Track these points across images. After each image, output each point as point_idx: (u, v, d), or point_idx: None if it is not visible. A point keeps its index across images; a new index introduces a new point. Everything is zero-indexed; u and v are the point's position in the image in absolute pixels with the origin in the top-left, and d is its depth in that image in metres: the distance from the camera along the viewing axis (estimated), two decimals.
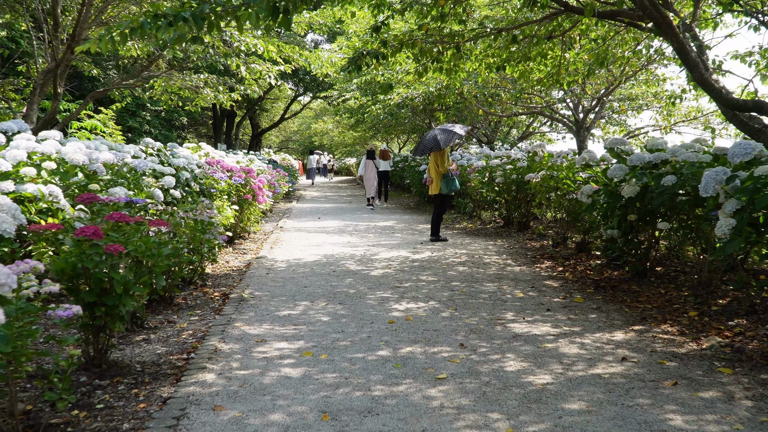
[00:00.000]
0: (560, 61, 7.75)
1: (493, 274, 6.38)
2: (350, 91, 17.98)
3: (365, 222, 12.16)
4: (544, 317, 4.63)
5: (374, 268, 6.80)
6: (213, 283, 5.99)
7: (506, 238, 9.38)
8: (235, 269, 6.82)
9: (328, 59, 9.78)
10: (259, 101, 31.69)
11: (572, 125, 10.73)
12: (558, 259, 7.23)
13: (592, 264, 6.80)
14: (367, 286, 5.80)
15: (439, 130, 8.78)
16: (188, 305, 5.09)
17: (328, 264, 7.08)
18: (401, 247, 8.44)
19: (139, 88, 10.44)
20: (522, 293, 5.45)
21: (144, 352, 3.88)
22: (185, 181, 8.64)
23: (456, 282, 5.95)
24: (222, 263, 7.17)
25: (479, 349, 3.85)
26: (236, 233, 9.03)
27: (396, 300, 5.20)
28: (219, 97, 10.45)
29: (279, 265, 6.99)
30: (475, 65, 8.05)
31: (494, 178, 10.05)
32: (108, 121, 14.06)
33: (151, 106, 22.57)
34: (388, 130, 22.44)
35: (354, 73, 14.37)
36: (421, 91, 10.73)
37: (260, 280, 6.11)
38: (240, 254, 7.96)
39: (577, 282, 5.94)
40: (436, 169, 8.98)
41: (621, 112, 12.11)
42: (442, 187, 8.88)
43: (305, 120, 44.97)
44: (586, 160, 6.17)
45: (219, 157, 10.66)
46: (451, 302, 5.11)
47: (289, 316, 4.67)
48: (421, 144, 8.94)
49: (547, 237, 9.09)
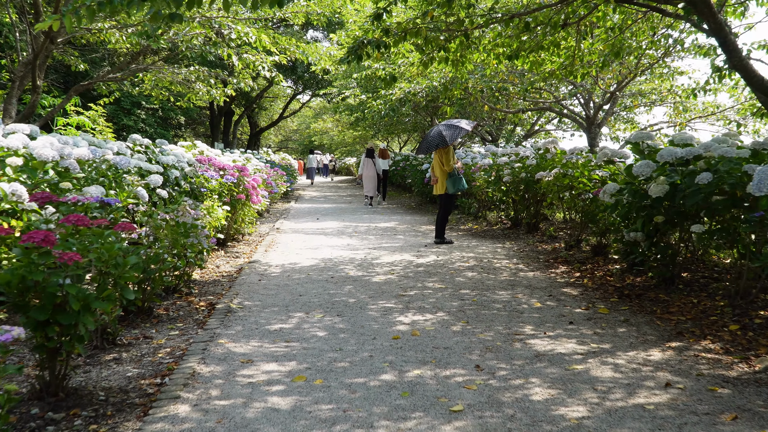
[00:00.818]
0: (574, 51, 7.24)
1: (506, 281, 5.87)
2: (350, 88, 17.48)
3: (365, 223, 11.65)
4: (568, 331, 4.12)
5: (376, 273, 6.29)
6: (200, 291, 5.48)
7: (515, 240, 8.87)
8: (226, 275, 6.31)
9: (326, 52, 9.28)
10: (258, 99, 31.17)
11: (583, 122, 10.21)
12: (573, 264, 6.72)
13: (611, 269, 6.29)
14: (368, 294, 5.29)
15: (444, 126, 8.26)
16: (169, 317, 4.57)
17: (326, 269, 6.57)
18: (404, 250, 7.93)
19: (127, 83, 9.93)
20: (539, 303, 4.94)
21: (112, 374, 3.36)
22: (175, 180, 8.17)
23: (465, 290, 5.44)
24: (211, 268, 6.66)
25: (498, 371, 3.34)
26: (228, 235, 8.52)
27: (400, 311, 4.68)
28: (212, 92, 9.94)
29: (273, 271, 6.48)
30: (483, 56, 7.54)
31: (501, 177, 9.54)
32: (98, 118, 13.57)
33: (146, 104, 22.08)
34: (389, 129, 21.92)
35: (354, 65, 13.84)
36: (425, 86, 10.21)
37: (251, 287, 5.60)
38: (232, 258, 7.45)
39: (597, 289, 5.43)
40: (441, 167, 8.47)
41: (633, 107, 11.58)
42: (448, 186, 8.37)
43: (304, 119, 44.48)
44: (608, 156, 5.66)
45: (211, 155, 10.16)
46: (461, 313, 4.60)
47: (281, 330, 4.16)
48: (425, 141, 8.42)
49: (558, 239, 8.58)
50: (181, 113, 26.07)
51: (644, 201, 5.10)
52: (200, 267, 5.44)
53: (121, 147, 7.22)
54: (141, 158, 7.69)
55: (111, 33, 8.86)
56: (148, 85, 10.27)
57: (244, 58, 7.54)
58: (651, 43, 7.71)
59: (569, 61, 7.44)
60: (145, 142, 8.47)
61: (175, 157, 8.39)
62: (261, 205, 9.72)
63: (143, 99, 21.92)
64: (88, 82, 8.58)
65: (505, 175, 9.20)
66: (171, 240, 4.53)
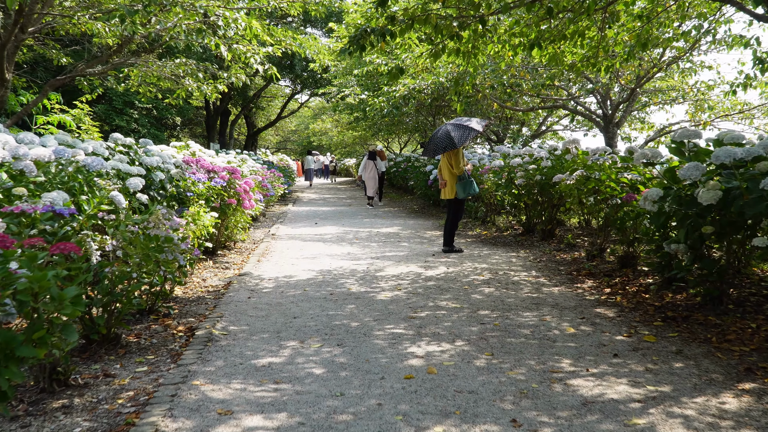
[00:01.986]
0: (599, 41, 6.56)
1: (528, 298, 5.18)
2: (350, 86, 16.81)
3: (367, 228, 10.96)
4: (614, 367, 3.43)
5: (380, 289, 5.60)
6: (180, 311, 4.79)
7: (529, 248, 8.19)
8: (212, 290, 5.61)
9: (324, 46, 8.59)
10: (255, 98, 30.49)
11: (600, 120, 9.54)
12: (600, 277, 6.04)
13: (644, 283, 5.61)
14: (373, 315, 4.60)
15: (452, 126, 7.57)
16: (140, 346, 3.88)
17: (324, 283, 5.88)
18: (410, 260, 7.24)
19: (111, 78, 9.24)
20: (572, 327, 4.25)
21: (57, 430, 2.68)
22: (159, 183, 7.49)
23: (485, 310, 4.75)
24: (197, 282, 5.97)
25: (541, 428, 2.65)
26: (219, 243, 7.83)
27: (412, 339, 3.99)
28: (203, 88, 9.25)
29: (265, 285, 5.79)
30: (498, 47, 6.87)
31: (513, 179, 8.86)
32: (83, 117, 12.87)
33: (139, 103, 21.39)
34: (390, 129, 21.24)
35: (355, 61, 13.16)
36: (430, 82, 9.53)
37: (239, 307, 4.91)
38: (221, 269, 6.76)
39: (635, 310, 4.74)
40: (450, 170, 7.78)
41: (652, 104, 10.91)
42: (457, 191, 7.68)
43: (303, 120, 43.83)
44: (647, 157, 4.97)
45: (199, 155, 9.49)
46: (483, 342, 3.91)
47: (270, 366, 3.47)
48: (432, 143, 7.71)
49: (577, 247, 7.90)
50: (177, 113, 25.37)
51: (692, 208, 4.42)
52: (180, 284, 4.75)
53: (97, 147, 6.53)
54: (122, 159, 7.03)
55: (92, 24, 8.18)
56: (134, 81, 9.58)
57: (234, 48, 6.86)
58: (682, 35, 7.02)
59: (592, 52, 6.76)
60: (128, 142, 7.80)
61: (160, 158, 7.72)
62: (255, 210, 9.03)
63: (136, 98, 21.23)
64: (65, 76, 7.88)
65: (517, 177, 8.52)
66: (142, 256, 3.83)
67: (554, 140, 19.20)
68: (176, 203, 7.30)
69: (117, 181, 6.69)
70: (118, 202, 5.57)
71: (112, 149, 7.56)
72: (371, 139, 32.63)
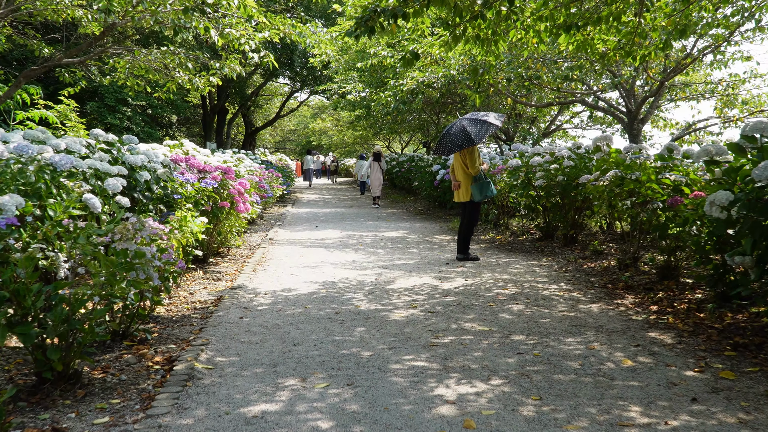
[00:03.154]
0: (635, 27, 5.86)
1: (565, 318, 4.47)
2: (351, 83, 16.10)
3: (371, 232, 10.25)
4: (698, 418, 2.72)
5: (393, 306, 4.88)
6: (159, 335, 4.07)
7: (551, 255, 7.48)
8: (199, 307, 4.90)
9: (326, 34, 7.88)
10: (253, 96, 29.77)
11: (623, 117, 8.84)
12: (640, 291, 5.34)
13: (690, 298, 4.91)
14: (387, 342, 3.89)
15: (468, 121, 6.85)
16: (105, 385, 3.16)
17: (328, 299, 5.16)
18: (422, 270, 6.53)
19: (95, 70, 8.52)
20: (628, 358, 3.54)
21: None
22: (145, 183, 6.79)
23: (518, 334, 4.04)
24: (183, 297, 5.26)
25: None
26: (212, 249, 7.12)
27: (437, 375, 3.28)
28: (195, 81, 8.53)
29: (260, 302, 5.07)
30: (521, 33, 6.16)
31: (531, 180, 8.16)
32: (69, 113, 12.16)
33: (133, 101, 20.66)
34: (393, 127, 20.53)
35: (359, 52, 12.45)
36: (440, 75, 8.81)
37: (229, 330, 4.19)
38: (212, 280, 6.04)
39: (695, 334, 4.03)
40: (464, 170, 7.07)
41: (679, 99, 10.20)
42: (473, 193, 6.97)
43: (302, 119, 43.13)
44: (710, 154, 4.26)
45: (193, 154, 8.80)
46: (526, 380, 3.19)
47: (264, 418, 2.75)
48: (445, 140, 6.96)
49: (605, 255, 7.19)
50: (173, 111, 24.64)
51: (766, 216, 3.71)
52: (159, 304, 4.04)
53: (72, 143, 5.82)
54: (103, 157, 6.33)
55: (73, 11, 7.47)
56: (121, 74, 8.85)
57: (227, 33, 6.15)
58: (723, 20, 6.31)
59: (627, 39, 6.05)
60: (110, 138, 7.09)
61: (146, 156, 7.01)
62: (252, 213, 8.32)
63: (128, 95, 20.50)
64: (41, 66, 7.17)
65: (537, 178, 7.81)
66: (106, 275, 3.12)
67: (563, 140, 18.49)
68: (164, 206, 6.60)
69: (95, 182, 5.99)
70: (92, 206, 4.87)
71: (93, 147, 6.87)
72: (372, 138, 31.94)
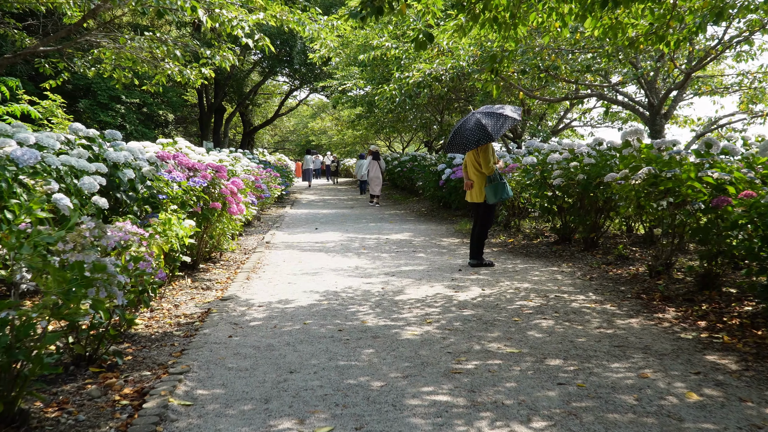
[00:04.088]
0: (671, 8, 5.27)
1: (604, 337, 3.87)
2: (352, 79, 15.52)
3: (374, 234, 9.66)
4: None
5: (404, 321, 4.29)
6: (134, 359, 3.48)
7: (571, 260, 6.89)
8: (184, 323, 4.30)
9: (327, 21, 7.28)
10: (251, 95, 29.17)
11: (645, 111, 8.25)
12: (679, 302, 4.75)
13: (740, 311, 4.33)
14: (400, 368, 3.29)
15: (483, 115, 6.25)
16: (59, 428, 2.57)
17: (330, 313, 4.56)
18: (433, 277, 5.93)
19: (78, 61, 7.93)
20: (691, 390, 2.95)
21: None
22: (129, 183, 6.21)
23: (555, 358, 3.44)
24: (167, 309, 4.66)
25: None
26: (200, 255, 6.52)
27: (465, 414, 2.68)
28: (185, 72, 7.95)
29: (253, 316, 4.48)
30: (543, 16, 5.57)
31: (547, 179, 7.57)
32: (56, 109, 11.59)
33: (127, 98, 20.07)
34: (395, 126, 19.94)
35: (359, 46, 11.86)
36: (449, 66, 8.22)
37: (215, 352, 3.60)
38: (201, 289, 5.45)
39: (761, 357, 3.43)
40: (477, 169, 6.48)
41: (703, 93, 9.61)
42: (487, 195, 6.37)
43: (302, 119, 42.56)
44: None
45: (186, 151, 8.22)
46: (574, 422, 2.60)
47: None
48: (459, 136, 6.33)
49: (631, 260, 6.60)
50: (168, 109, 24.06)
51: None
52: (131, 324, 3.45)
53: (44, 138, 5.23)
54: (82, 154, 5.76)
55: None
56: (107, 65, 8.26)
57: (216, 15, 5.56)
58: (763, 3, 5.74)
59: (660, 22, 5.46)
60: (90, 134, 6.51)
61: (130, 153, 6.44)
62: (246, 214, 7.73)
63: (123, 92, 19.93)
64: (13, 55, 6.58)
65: (555, 176, 7.22)
66: (58, 294, 2.53)
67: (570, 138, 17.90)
68: (150, 208, 6.01)
69: (71, 180, 5.42)
70: (62, 208, 4.31)
71: (72, 142, 6.29)
72: (373, 138, 31.37)
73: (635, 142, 5.71)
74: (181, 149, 9.65)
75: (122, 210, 6.56)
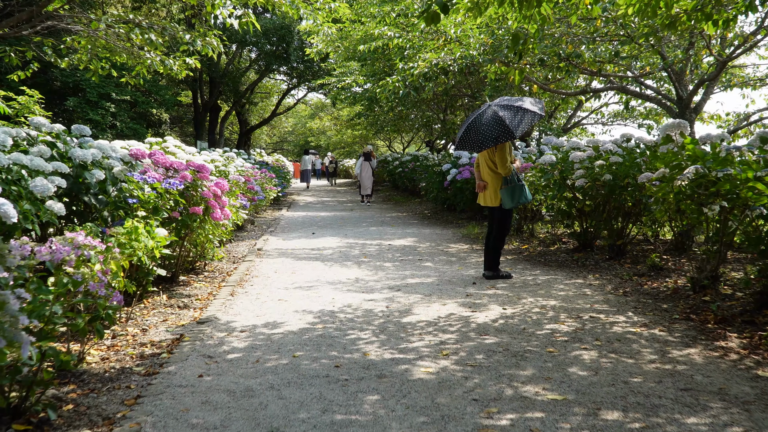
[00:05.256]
0: None
1: (664, 374, 3.13)
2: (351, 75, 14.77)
3: (375, 239, 8.91)
4: None
5: (415, 353, 3.54)
6: (75, 408, 2.73)
7: (596, 270, 6.15)
8: (148, 354, 3.55)
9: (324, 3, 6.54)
10: (248, 93, 28.42)
11: (673, 105, 7.52)
12: (738, 325, 4.00)
13: None
14: (415, 426, 2.54)
15: (500, 107, 5.49)
16: None
17: (325, 341, 3.81)
18: (444, 293, 5.19)
19: (48, 49, 7.18)
20: None
21: None
22: (98, 184, 5.50)
23: (611, 409, 2.69)
24: (132, 334, 3.92)
25: None
26: (180, 266, 5.78)
27: None
28: (167, 62, 7.21)
29: (232, 345, 3.73)
30: None
31: (567, 178, 6.84)
32: (33, 105, 10.85)
33: (117, 95, 19.30)
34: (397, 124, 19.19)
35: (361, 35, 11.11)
36: (458, 56, 7.48)
37: (178, 400, 2.85)
38: (176, 308, 4.71)
39: None
40: (492, 169, 5.72)
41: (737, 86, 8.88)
42: (503, 199, 5.61)
43: (300, 119, 41.80)
44: None
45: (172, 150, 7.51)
46: None
47: None
48: (473, 131, 5.53)
49: (666, 271, 5.85)
50: (162, 108, 23.28)
51: None
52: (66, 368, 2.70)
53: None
54: (43, 151, 5.04)
55: None
56: (83, 55, 7.51)
57: None
58: None
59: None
60: (55, 129, 5.79)
61: (100, 150, 5.72)
62: (235, 219, 6.98)
63: (113, 90, 19.17)
64: None
65: (578, 177, 6.49)
66: None
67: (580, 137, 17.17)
68: (123, 212, 5.27)
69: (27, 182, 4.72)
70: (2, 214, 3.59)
71: (33, 138, 5.56)
72: (373, 138, 30.62)
73: (677, 137, 4.97)
74: (168, 148, 8.92)
75: (93, 216, 5.83)
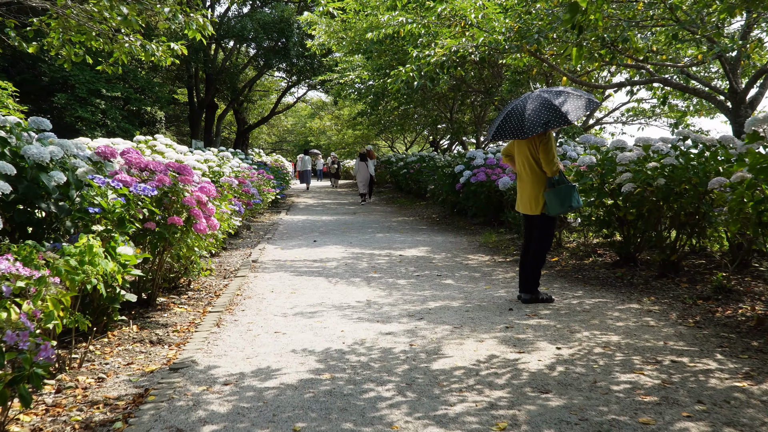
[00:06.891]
0: None
1: None
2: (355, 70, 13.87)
3: (384, 248, 7.98)
4: None
5: (460, 426, 2.59)
6: None
7: (647, 291, 5.22)
8: (98, 420, 2.61)
9: None
10: (245, 90, 27.47)
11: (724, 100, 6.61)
12: None
13: None
14: None
15: (549, 93, 4.58)
16: None
17: (336, 403, 2.87)
18: (477, 322, 4.25)
19: (11, 32, 6.26)
20: None
21: None
22: (59, 189, 4.58)
23: None
24: (82, 388, 2.98)
25: None
26: (156, 287, 4.84)
27: None
28: (148, 47, 6.29)
29: (210, 410, 2.78)
30: None
31: (607, 182, 5.92)
32: (6, 99, 10.00)
33: (108, 92, 18.36)
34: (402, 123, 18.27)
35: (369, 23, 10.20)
36: (480, 41, 6.56)
37: None
38: (147, 344, 3.77)
39: None
40: (533, 168, 4.79)
41: None
42: (549, 204, 4.67)
43: (300, 118, 40.88)
44: None
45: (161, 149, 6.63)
46: None
47: None
48: (513, 117, 4.52)
49: (737, 294, 4.92)
50: (157, 106, 22.34)
51: None
52: None
53: None
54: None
55: None
56: (54, 39, 6.60)
57: None
58: None
59: None
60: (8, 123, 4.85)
61: (62, 148, 4.78)
62: (225, 228, 6.05)
63: (103, 86, 18.23)
64: None
65: (624, 181, 5.56)
66: None
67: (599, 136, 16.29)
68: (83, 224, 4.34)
69: None
70: None
71: None
72: (374, 138, 29.71)
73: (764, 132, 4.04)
74: (156, 146, 7.98)
75: (54, 227, 4.91)
